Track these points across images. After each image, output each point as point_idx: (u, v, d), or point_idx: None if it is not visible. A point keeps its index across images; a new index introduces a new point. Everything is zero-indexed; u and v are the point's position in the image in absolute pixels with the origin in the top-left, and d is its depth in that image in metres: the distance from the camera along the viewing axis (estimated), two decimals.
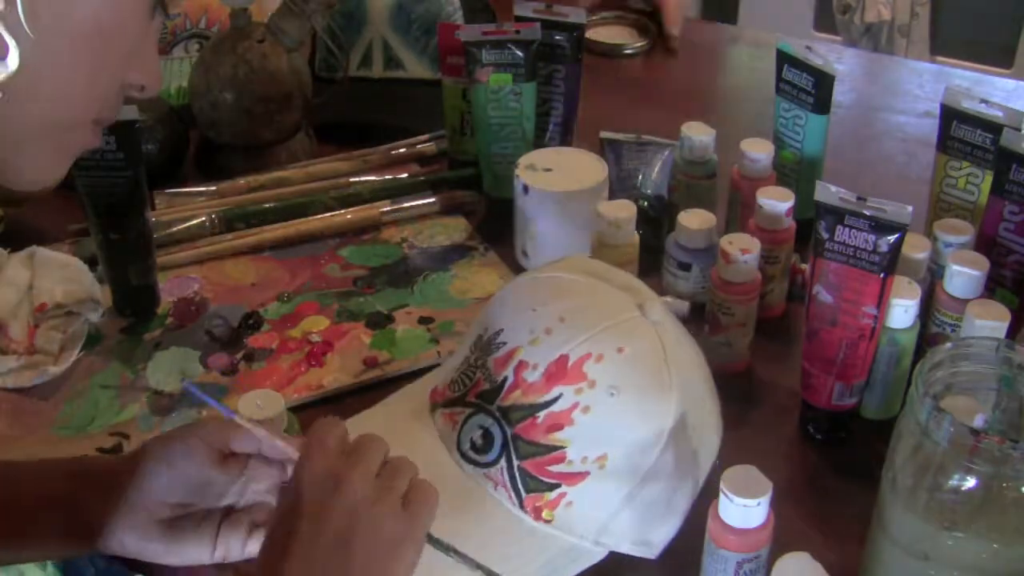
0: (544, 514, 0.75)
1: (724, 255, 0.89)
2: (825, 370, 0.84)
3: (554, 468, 0.74)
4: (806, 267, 0.94)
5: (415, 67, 1.30)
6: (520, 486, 0.75)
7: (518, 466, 0.75)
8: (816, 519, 0.80)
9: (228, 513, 0.75)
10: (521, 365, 0.75)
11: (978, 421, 0.67)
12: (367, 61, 1.30)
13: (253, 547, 0.73)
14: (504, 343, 0.77)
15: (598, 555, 0.76)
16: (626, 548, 0.76)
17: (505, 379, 0.75)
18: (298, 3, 1.16)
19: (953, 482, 0.63)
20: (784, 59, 1.04)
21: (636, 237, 0.94)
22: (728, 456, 0.82)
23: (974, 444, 0.61)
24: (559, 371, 0.74)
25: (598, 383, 0.73)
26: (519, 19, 1.12)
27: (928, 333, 0.87)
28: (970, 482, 0.62)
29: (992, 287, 0.89)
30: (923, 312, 0.86)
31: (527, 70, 1.08)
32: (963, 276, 0.84)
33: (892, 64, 1.68)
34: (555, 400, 0.74)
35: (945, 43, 2.67)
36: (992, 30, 2.71)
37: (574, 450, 0.74)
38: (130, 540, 0.72)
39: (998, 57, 2.54)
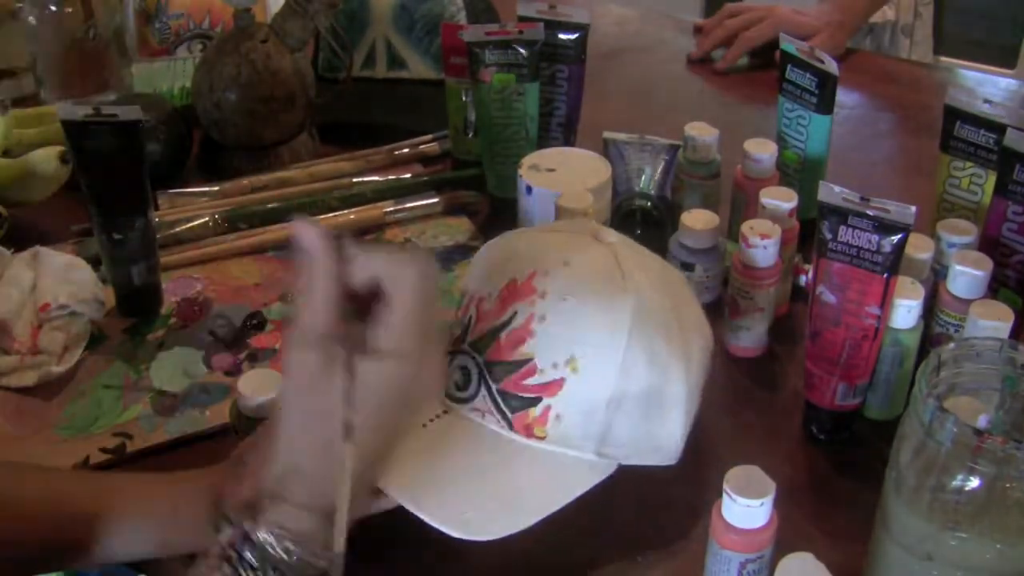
0: (536, 431, 0.77)
1: (744, 239, 0.90)
2: (828, 370, 0.84)
3: (529, 381, 0.76)
4: (809, 267, 0.94)
5: (418, 67, 1.30)
6: (504, 407, 0.77)
7: (497, 389, 0.77)
8: (819, 519, 0.80)
9: None
10: (479, 301, 0.79)
11: (982, 421, 0.67)
12: (370, 61, 1.30)
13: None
14: (466, 295, 0.82)
15: (607, 468, 0.77)
16: (637, 458, 0.78)
17: (470, 318, 0.79)
18: (301, 3, 1.16)
19: (957, 482, 0.63)
20: (787, 59, 1.04)
21: None
22: (731, 456, 0.82)
23: (978, 444, 0.61)
24: (510, 293, 0.78)
25: (549, 293, 0.77)
26: (522, 19, 1.13)
27: (931, 333, 0.87)
28: (974, 482, 0.62)
29: (995, 287, 0.89)
30: (926, 312, 0.86)
31: (530, 70, 1.08)
32: (966, 276, 0.84)
33: (895, 64, 1.68)
34: (512, 318, 0.77)
35: (948, 43, 2.66)
36: (996, 30, 2.71)
37: (542, 359, 0.76)
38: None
39: (1001, 57, 2.55)
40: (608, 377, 0.76)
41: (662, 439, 0.79)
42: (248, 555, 0.58)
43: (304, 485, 0.60)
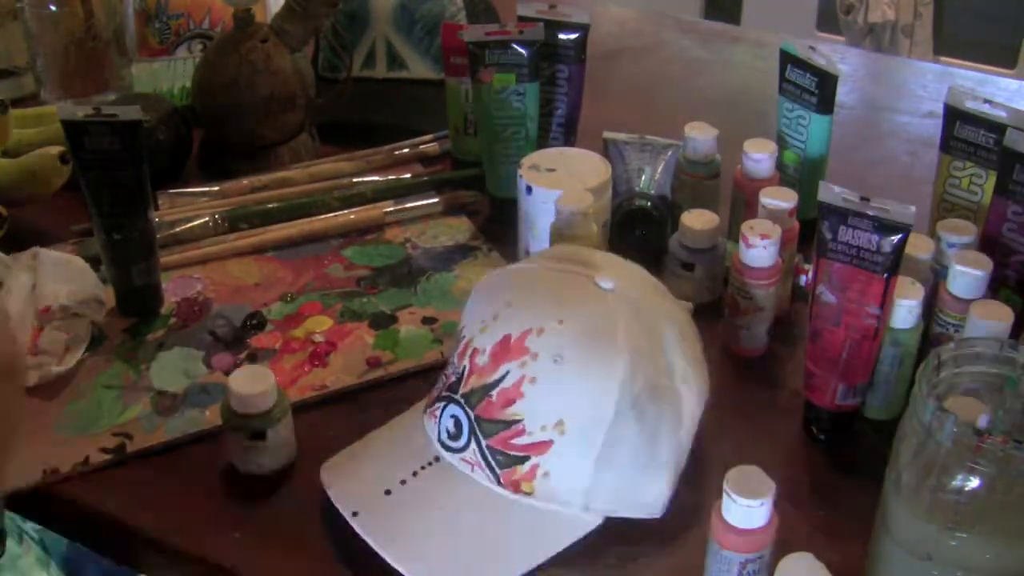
0: (523, 487, 0.77)
1: (744, 239, 0.90)
2: (828, 370, 0.84)
3: (518, 441, 0.76)
4: (809, 267, 0.94)
5: (418, 67, 1.30)
6: (493, 463, 0.77)
7: (486, 445, 0.77)
8: (819, 519, 0.80)
9: None
10: (474, 352, 0.79)
11: (982, 421, 0.67)
12: (370, 61, 1.30)
13: None
14: (463, 337, 0.81)
15: (592, 523, 0.77)
16: (623, 512, 0.78)
17: (464, 368, 0.79)
18: (301, 3, 1.16)
19: (957, 483, 0.63)
20: (787, 59, 1.04)
21: (594, 229, 0.94)
22: (731, 456, 0.83)
23: (978, 444, 0.61)
24: (503, 350, 0.77)
25: (541, 354, 0.76)
26: (522, 19, 1.13)
27: (931, 333, 0.87)
28: (974, 483, 0.62)
29: (996, 287, 0.89)
30: (926, 312, 0.86)
31: (530, 70, 1.08)
32: (966, 276, 0.84)
33: (895, 64, 1.68)
34: (503, 377, 0.77)
35: (948, 43, 2.67)
36: (996, 30, 2.71)
37: (531, 421, 0.76)
38: None
39: (1002, 57, 2.55)
40: (596, 439, 0.76)
41: (649, 496, 0.79)
42: None
43: None
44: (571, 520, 0.77)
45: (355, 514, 0.76)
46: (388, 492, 0.78)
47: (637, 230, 1.03)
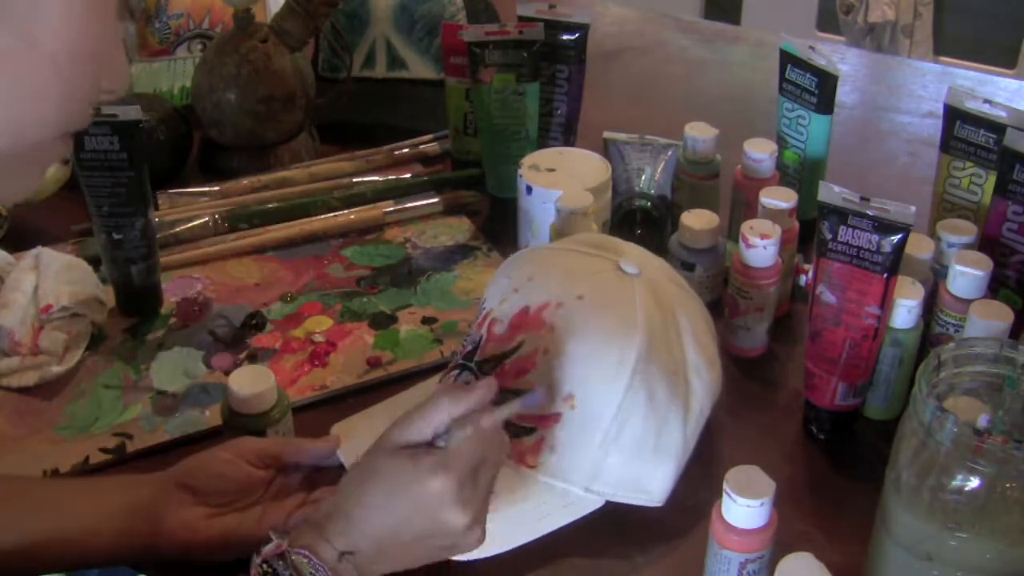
0: (528, 460, 0.78)
1: (744, 239, 0.90)
2: (828, 370, 0.84)
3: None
4: (809, 267, 0.94)
5: (418, 67, 1.30)
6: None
7: None
8: (819, 519, 0.80)
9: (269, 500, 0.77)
10: (492, 323, 0.80)
11: (982, 422, 0.67)
12: (370, 61, 1.30)
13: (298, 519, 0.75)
14: (483, 309, 0.82)
15: (592, 504, 0.78)
16: (623, 496, 0.78)
17: (481, 337, 0.80)
18: (301, 3, 1.16)
19: (956, 482, 0.63)
20: (787, 59, 1.04)
21: (594, 229, 0.94)
22: (731, 456, 0.83)
23: (977, 444, 0.61)
24: (521, 321, 0.78)
25: (557, 327, 0.77)
26: (522, 19, 1.13)
27: (931, 333, 0.87)
28: (973, 483, 0.62)
29: (995, 287, 0.89)
30: (926, 312, 0.86)
31: (530, 70, 1.08)
32: (966, 276, 0.84)
33: (895, 64, 1.68)
34: (518, 347, 0.78)
35: (948, 43, 2.67)
36: (996, 30, 2.71)
37: (542, 392, 0.76)
38: (185, 534, 0.73)
39: (1001, 57, 2.55)
40: (604, 418, 0.76)
41: (651, 483, 0.79)
42: (281, 570, 0.63)
43: (344, 529, 0.65)
44: (572, 499, 0.77)
45: None
46: None
47: (637, 230, 1.03)
